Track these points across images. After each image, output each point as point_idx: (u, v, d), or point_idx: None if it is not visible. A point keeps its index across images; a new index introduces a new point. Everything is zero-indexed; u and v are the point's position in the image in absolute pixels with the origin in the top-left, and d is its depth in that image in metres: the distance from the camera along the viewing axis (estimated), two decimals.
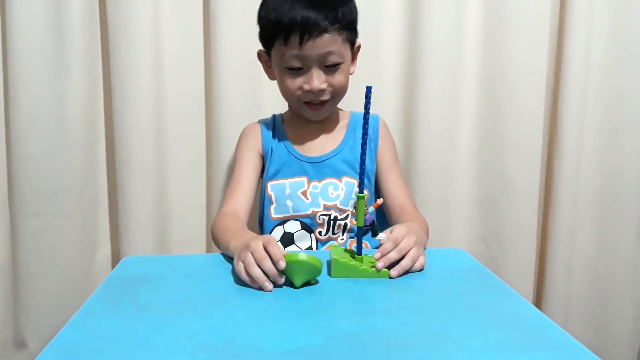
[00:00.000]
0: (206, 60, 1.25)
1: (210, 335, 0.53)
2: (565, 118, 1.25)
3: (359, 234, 0.74)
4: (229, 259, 0.79)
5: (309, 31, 0.84)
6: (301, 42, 0.85)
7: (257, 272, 0.66)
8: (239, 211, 0.92)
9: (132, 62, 1.17)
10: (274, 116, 1.06)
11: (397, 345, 0.52)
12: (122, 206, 1.22)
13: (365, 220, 0.73)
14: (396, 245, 0.72)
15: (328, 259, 0.77)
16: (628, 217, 1.31)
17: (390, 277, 0.71)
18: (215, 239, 0.89)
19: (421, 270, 0.74)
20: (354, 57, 0.96)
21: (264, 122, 1.04)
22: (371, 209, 0.87)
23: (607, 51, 1.26)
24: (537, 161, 1.28)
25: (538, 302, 1.35)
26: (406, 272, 0.72)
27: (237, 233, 0.80)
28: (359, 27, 0.96)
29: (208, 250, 1.32)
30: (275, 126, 1.02)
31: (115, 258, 1.30)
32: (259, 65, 1.23)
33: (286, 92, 0.94)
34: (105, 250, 1.31)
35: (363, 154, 0.72)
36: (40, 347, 0.63)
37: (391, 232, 0.75)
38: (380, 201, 0.93)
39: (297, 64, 0.88)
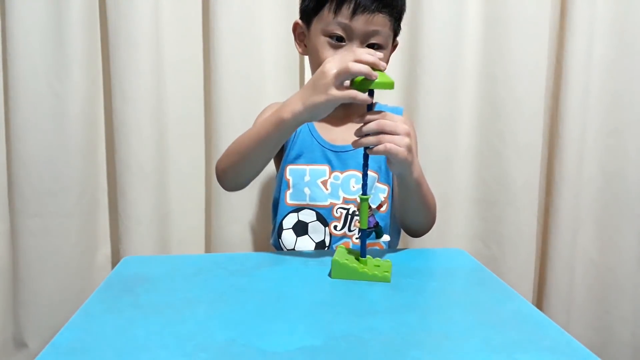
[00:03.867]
0: (206, 61, 1.25)
1: (210, 335, 0.53)
2: (565, 117, 1.25)
3: (363, 236, 0.73)
4: (229, 259, 0.79)
5: (363, 5, 0.83)
6: (353, 14, 0.83)
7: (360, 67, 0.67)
8: None
9: (132, 62, 1.17)
10: None
11: (397, 345, 0.52)
12: (122, 206, 1.22)
13: (369, 222, 0.72)
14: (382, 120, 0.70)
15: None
16: (631, 217, 1.31)
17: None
18: (235, 153, 0.83)
19: (388, 152, 0.71)
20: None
21: None
22: (374, 211, 0.87)
23: (608, 50, 1.26)
24: (537, 161, 1.28)
25: (539, 302, 1.34)
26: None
27: (271, 115, 0.77)
28: None
29: (208, 250, 1.32)
30: None
31: (115, 258, 1.30)
32: (258, 66, 1.24)
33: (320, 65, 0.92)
34: (105, 250, 1.31)
35: (366, 157, 0.72)
36: (40, 347, 0.63)
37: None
38: (383, 202, 0.93)
39: (340, 33, 0.85)
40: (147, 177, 1.21)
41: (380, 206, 0.91)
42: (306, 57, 1.23)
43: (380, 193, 0.94)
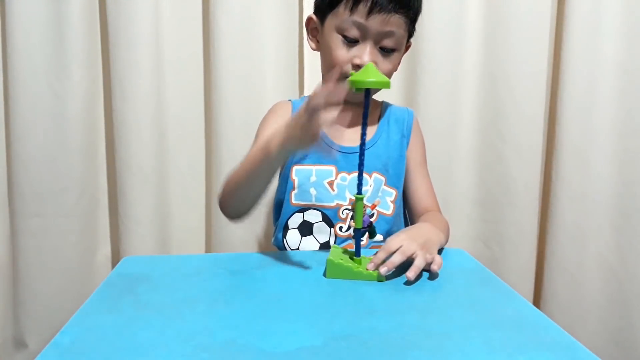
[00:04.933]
0: (206, 61, 1.25)
1: (210, 335, 0.53)
2: (565, 118, 1.25)
3: (357, 235, 0.73)
4: (229, 259, 0.79)
5: (381, 4, 0.82)
6: (369, 13, 0.82)
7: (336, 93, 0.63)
8: None
9: (132, 62, 1.17)
10: (306, 97, 0.99)
11: (397, 345, 0.52)
12: (122, 206, 1.22)
13: (363, 221, 0.72)
14: (387, 254, 0.70)
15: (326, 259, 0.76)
16: None
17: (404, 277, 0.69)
18: (229, 189, 0.82)
19: (437, 269, 0.71)
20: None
21: (296, 103, 0.97)
22: (369, 210, 0.86)
23: (614, 50, 1.23)
24: (538, 161, 1.27)
25: (536, 303, 1.33)
26: (421, 274, 0.71)
27: (257, 148, 0.76)
28: None
29: (208, 250, 1.32)
30: None
31: (115, 258, 1.30)
32: (259, 66, 1.24)
33: (333, 62, 0.88)
34: (105, 250, 1.31)
35: (362, 154, 0.72)
36: (40, 347, 0.63)
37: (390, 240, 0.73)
38: (377, 202, 0.92)
39: (355, 34, 0.84)
40: (147, 177, 1.21)
41: (374, 206, 0.91)
42: (307, 56, 1.23)
43: (387, 197, 0.94)
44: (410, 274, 0.69)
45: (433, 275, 0.72)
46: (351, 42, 0.86)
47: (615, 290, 1.29)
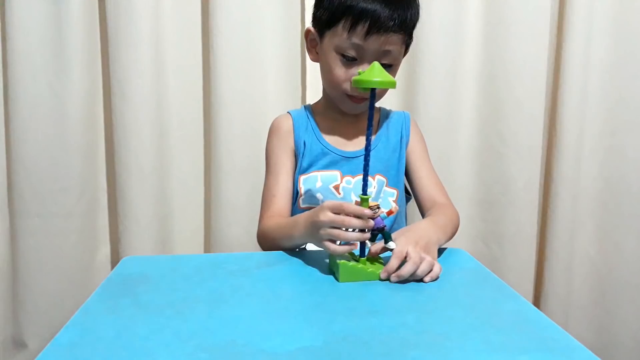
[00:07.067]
0: (205, 61, 1.25)
1: (210, 335, 0.53)
2: (565, 118, 1.25)
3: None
4: (229, 259, 0.79)
5: (378, 26, 0.82)
6: (367, 34, 0.83)
7: (352, 236, 0.69)
8: (281, 215, 0.92)
9: (132, 62, 1.17)
10: (305, 107, 1.01)
11: (397, 345, 0.52)
12: (121, 206, 1.22)
13: (376, 223, 0.72)
14: (400, 261, 0.70)
15: (328, 262, 0.76)
16: (630, 218, 1.30)
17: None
18: (267, 240, 0.88)
19: (429, 282, 0.70)
20: None
21: (295, 114, 0.98)
22: (383, 214, 0.86)
23: (608, 52, 1.26)
24: (538, 161, 1.28)
25: (537, 302, 1.34)
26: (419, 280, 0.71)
27: (294, 221, 0.82)
28: None
29: (208, 250, 1.32)
30: (308, 118, 0.98)
31: (115, 258, 1.30)
32: (258, 66, 1.24)
33: (332, 80, 0.90)
34: (105, 250, 1.31)
35: (367, 155, 0.72)
36: (40, 347, 0.63)
37: (396, 242, 0.73)
38: (395, 208, 0.92)
39: (353, 54, 0.85)
40: (146, 177, 1.22)
41: (390, 212, 0.92)
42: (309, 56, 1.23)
43: (389, 197, 0.94)
44: (394, 279, 0.69)
45: None
46: (350, 61, 0.86)
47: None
